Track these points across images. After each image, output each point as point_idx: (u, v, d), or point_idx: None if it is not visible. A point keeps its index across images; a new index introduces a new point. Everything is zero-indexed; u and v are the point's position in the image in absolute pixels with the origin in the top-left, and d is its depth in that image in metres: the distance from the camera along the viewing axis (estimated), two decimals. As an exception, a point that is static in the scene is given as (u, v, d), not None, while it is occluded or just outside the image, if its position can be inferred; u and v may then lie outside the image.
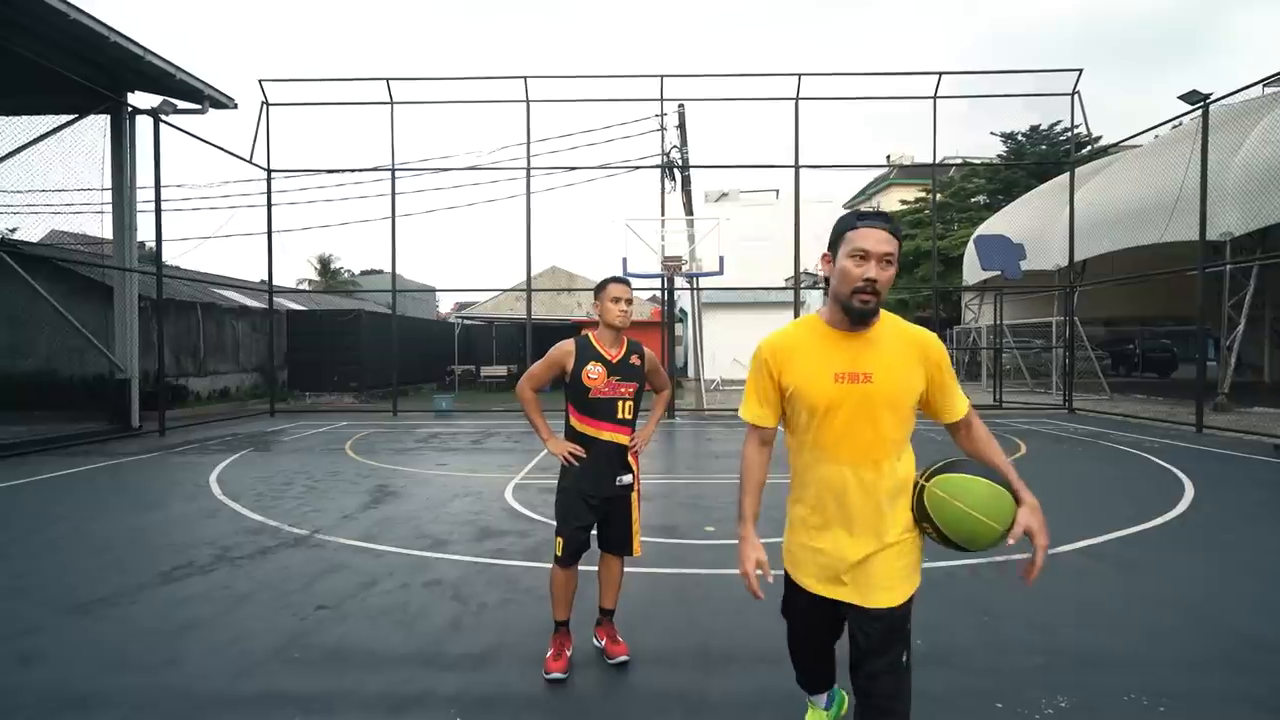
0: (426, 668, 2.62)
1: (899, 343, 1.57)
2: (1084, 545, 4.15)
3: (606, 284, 2.60)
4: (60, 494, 5.99)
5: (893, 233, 1.51)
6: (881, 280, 1.48)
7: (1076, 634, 2.90)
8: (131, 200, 10.49)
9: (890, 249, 1.49)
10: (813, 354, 1.58)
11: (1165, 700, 2.34)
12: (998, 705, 2.32)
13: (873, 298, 1.49)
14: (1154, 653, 2.72)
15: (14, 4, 7.80)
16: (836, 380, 1.54)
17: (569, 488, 2.65)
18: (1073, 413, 12.52)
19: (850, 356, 1.55)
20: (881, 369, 1.54)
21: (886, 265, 1.49)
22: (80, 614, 3.18)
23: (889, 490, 1.57)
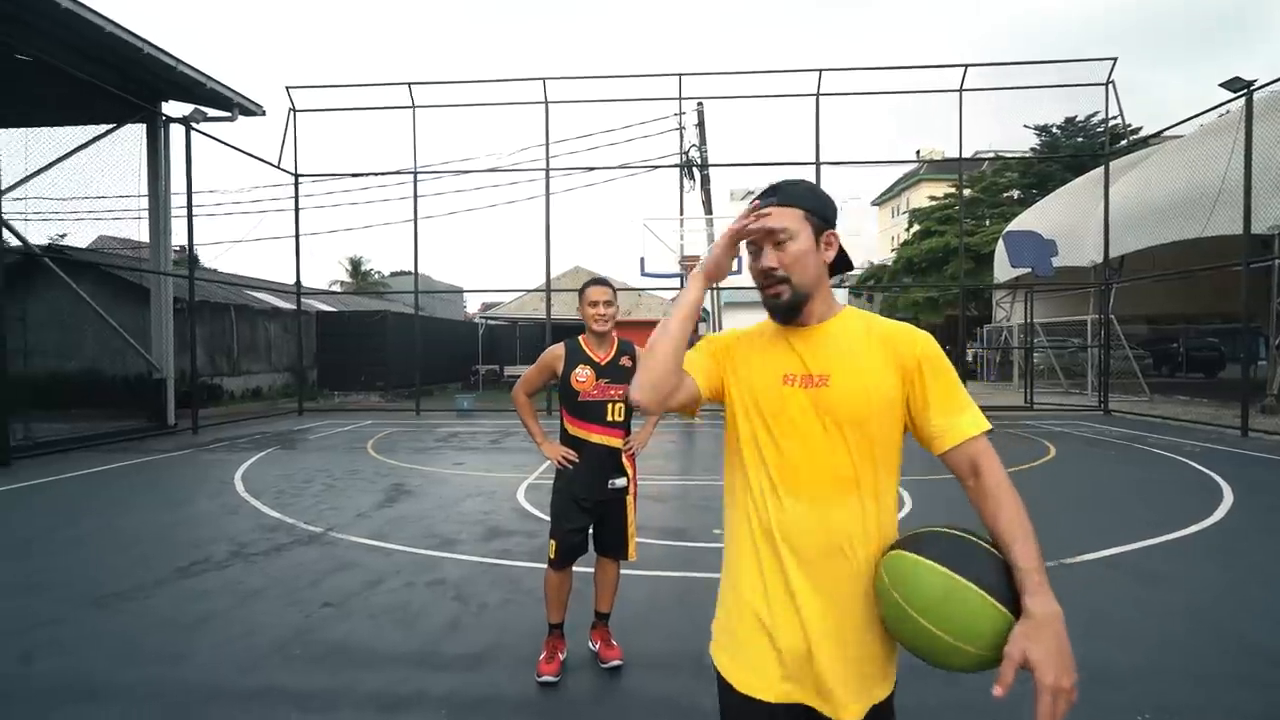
0: (421, 667, 2.65)
1: (866, 339, 1.18)
2: (1104, 555, 4.00)
3: (585, 287, 2.60)
4: (95, 490, 6.22)
5: (783, 202, 1.17)
6: (782, 262, 1.15)
7: (1084, 646, 2.79)
8: (166, 206, 10.85)
9: (779, 223, 1.15)
10: (764, 352, 1.23)
11: (1168, 716, 2.24)
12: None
13: (781, 288, 1.16)
14: (1162, 667, 2.61)
15: (54, 19, 8.12)
16: (785, 382, 1.17)
17: (562, 489, 2.65)
18: (1108, 414, 12.11)
19: (804, 354, 1.18)
20: (842, 370, 1.15)
21: (782, 244, 1.15)
22: (99, 607, 3.30)
23: (865, 535, 1.12)
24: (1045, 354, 18.59)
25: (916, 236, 31.17)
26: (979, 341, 23.58)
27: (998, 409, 13.02)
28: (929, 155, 33.02)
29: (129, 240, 18.55)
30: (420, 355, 14.19)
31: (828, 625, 1.11)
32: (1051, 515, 5.16)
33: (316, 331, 17.60)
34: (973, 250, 25.78)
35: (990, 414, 11.12)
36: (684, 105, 12.87)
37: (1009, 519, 1.05)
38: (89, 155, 10.32)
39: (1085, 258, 15.26)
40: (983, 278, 22.88)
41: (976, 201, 29.60)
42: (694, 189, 13.60)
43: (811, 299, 1.18)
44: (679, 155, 12.94)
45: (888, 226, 47.52)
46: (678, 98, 12.78)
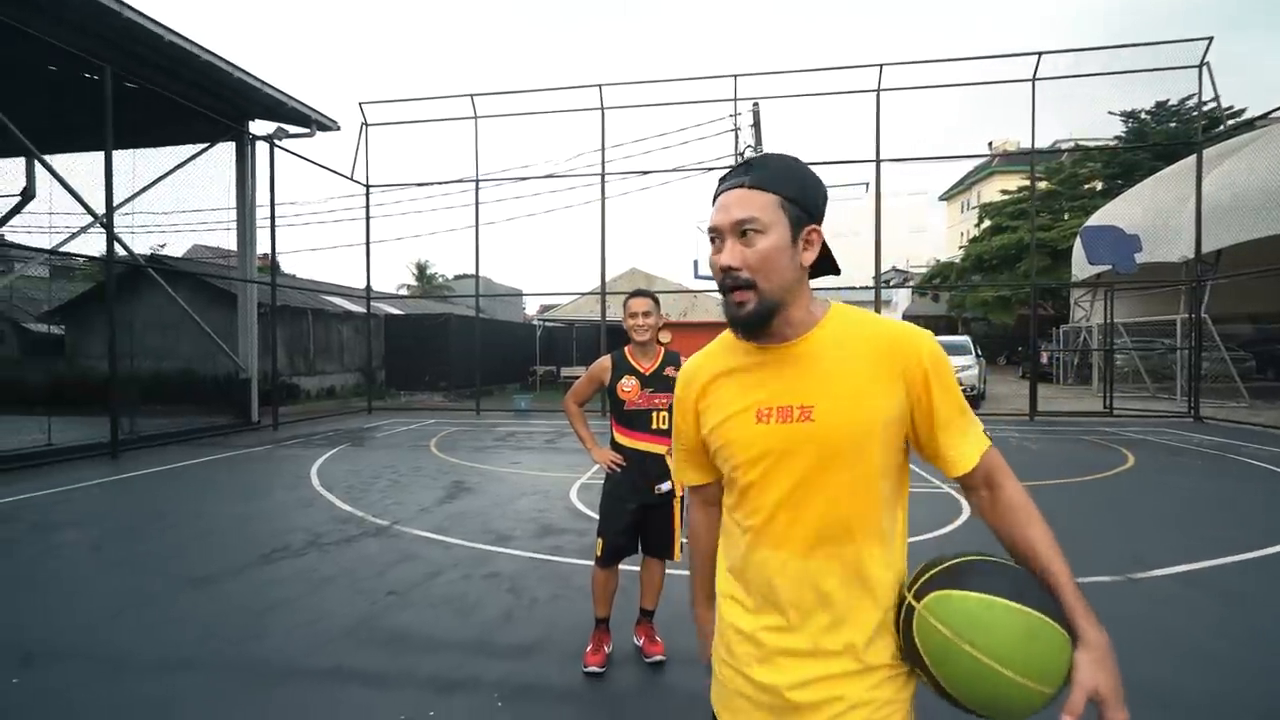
0: (476, 655, 2.81)
1: (853, 352, 0.97)
2: (1179, 570, 3.77)
3: (627, 299, 2.68)
4: (189, 481, 6.80)
5: (755, 184, 0.94)
6: (746, 262, 0.93)
7: (1151, 667, 2.66)
8: (252, 218, 11.69)
9: (745, 212, 0.93)
10: (732, 384, 1.03)
11: (1248, 747, 2.12)
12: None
13: (746, 294, 0.94)
14: (1242, 697, 2.46)
15: (158, 50, 8.91)
16: (761, 419, 0.98)
17: (610, 492, 2.75)
18: (1199, 421, 11.24)
19: (781, 384, 0.98)
20: (829, 397, 0.95)
21: (748, 237, 0.93)
22: (190, 588, 3.64)
23: (849, 587, 0.96)
24: (1129, 356, 17.41)
25: (987, 232, 29.77)
26: (1055, 342, 22.32)
27: (1073, 415, 12.32)
28: (1002, 146, 31.45)
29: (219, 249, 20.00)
30: (480, 357, 14.68)
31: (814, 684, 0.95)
32: (1122, 528, 4.89)
33: (385, 333, 18.49)
34: (1049, 246, 24.43)
35: (1065, 420, 10.50)
36: (739, 106, 12.81)
37: (1041, 533, 0.93)
38: (185, 171, 11.27)
39: (1176, 253, 14.20)
40: (1059, 275, 21.61)
41: (1054, 194, 28.01)
42: (749, 190, 13.50)
43: (785, 308, 0.96)
44: (734, 156, 12.88)
45: (956, 222, 45.54)
46: (733, 99, 12.74)
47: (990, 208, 30.45)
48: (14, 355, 17.53)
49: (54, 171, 9.46)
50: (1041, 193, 28.37)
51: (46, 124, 9.76)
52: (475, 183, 13.66)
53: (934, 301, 33.36)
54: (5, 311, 17.14)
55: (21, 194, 11.42)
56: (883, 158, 12.40)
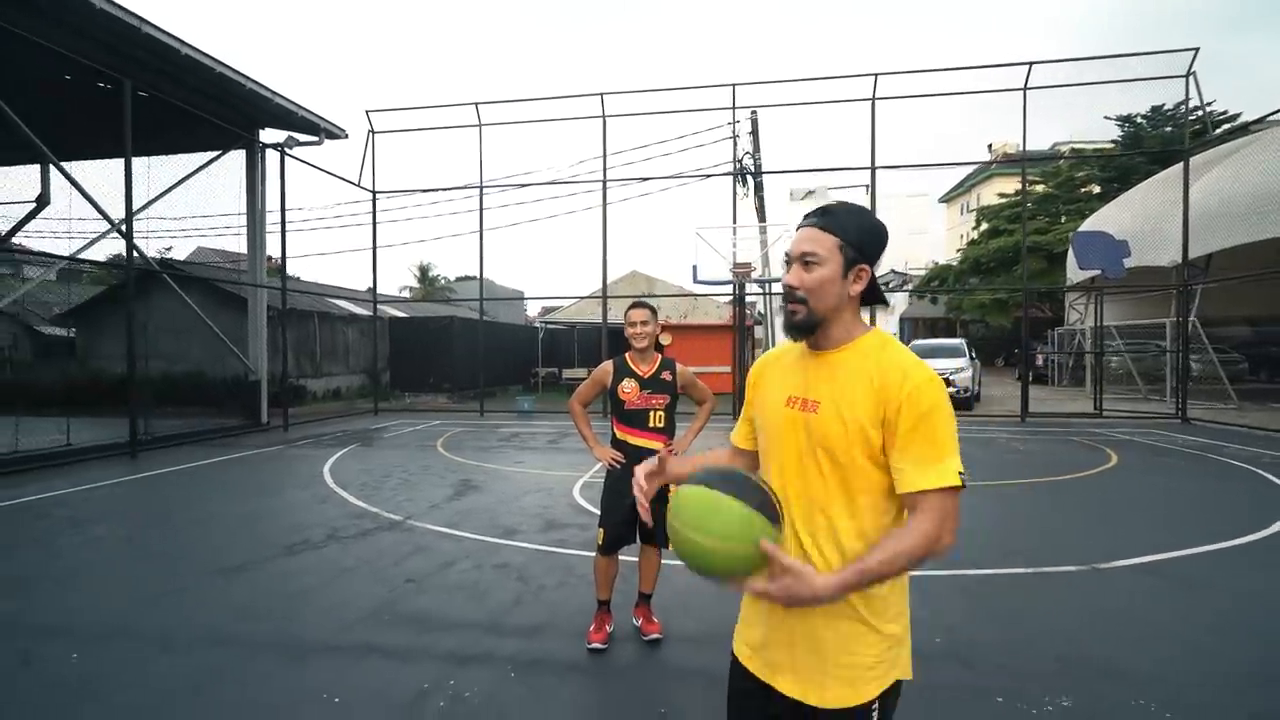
0: (489, 634, 3.08)
1: (861, 370, 1.20)
2: (1144, 561, 4.04)
3: (627, 310, 2.96)
4: (207, 479, 7.08)
5: (821, 226, 1.23)
6: (803, 284, 1.22)
7: (1102, 645, 2.94)
8: (262, 224, 11.99)
9: (810, 247, 1.22)
10: (780, 374, 1.34)
11: (1175, 711, 2.39)
12: (998, 700, 2.46)
13: (799, 307, 1.23)
14: (1181, 669, 2.73)
15: (175, 62, 9.21)
16: (787, 404, 1.27)
17: (611, 486, 3.03)
18: (1187, 423, 11.51)
19: (806, 379, 1.26)
20: (832, 397, 1.21)
21: (809, 266, 1.22)
22: (220, 576, 3.92)
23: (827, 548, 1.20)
24: (1123, 359, 17.67)
25: (984, 235, 30.03)
26: (1050, 345, 22.58)
27: (1063, 416, 12.59)
28: (1001, 149, 31.72)
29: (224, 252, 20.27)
30: (483, 359, 14.97)
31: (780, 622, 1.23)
32: (1095, 523, 5.17)
33: (390, 336, 18.78)
34: (1045, 249, 24.70)
35: (1055, 421, 10.75)
36: (738, 114, 13.09)
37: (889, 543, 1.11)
38: (196, 178, 11.56)
39: (1166, 257, 14.45)
40: (1055, 278, 21.88)
41: (1051, 198, 28.27)
42: (747, 195, 13.78)
43: (827, 324, 1.24)
44: (732, 163, 13.17)
45: (956, 224, 45.81)
46: (731, 107, 13.02)
47: (988, 210, 30.71)
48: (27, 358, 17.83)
49: (73, 180, 9.77)
50: (1038, 196, 28.63)
51: (62, 132, 10.07)
52: (480, 189, 13.95)
53: (932, 304, 33.61)
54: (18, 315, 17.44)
55: (37, 200, 11.71)
56: (878, 165, 12.69)
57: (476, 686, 2.58)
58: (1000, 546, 4.40)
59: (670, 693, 2.57)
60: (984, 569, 3.93)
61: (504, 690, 2.56)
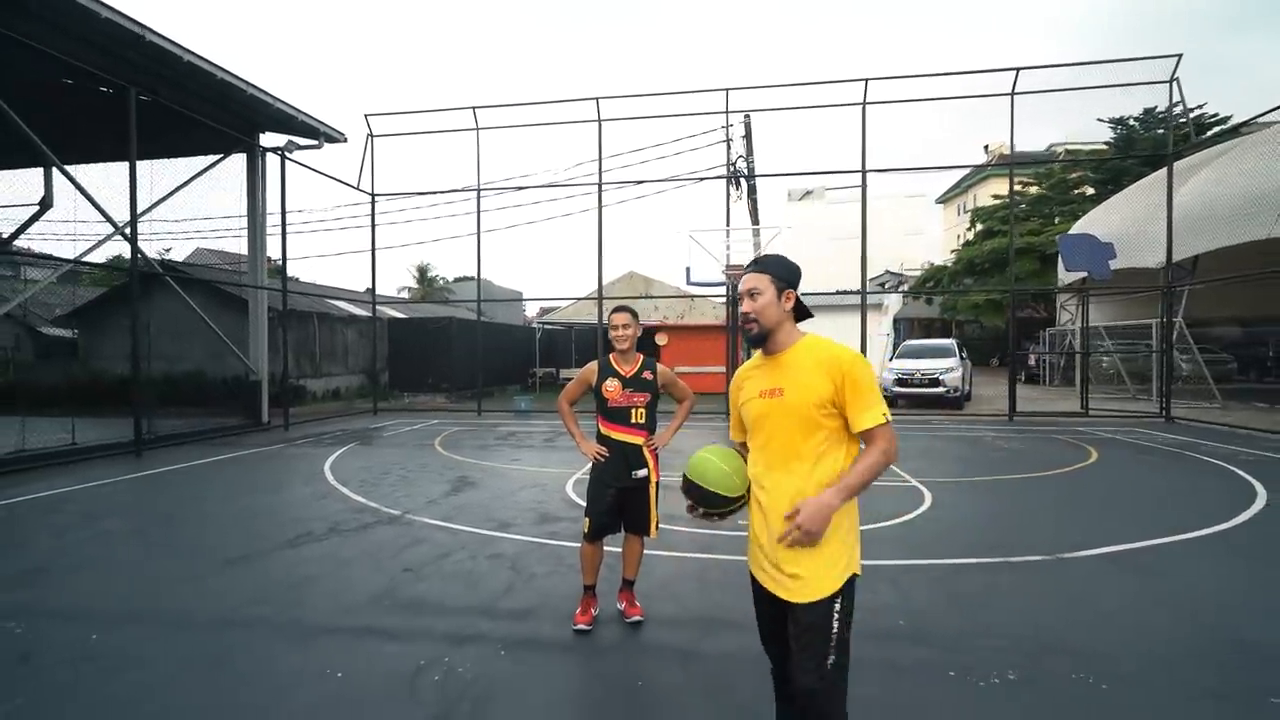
0: (483, 617, 3.29)
1: (809, 361, 1.78)
2: (1106, 551, 4.26)
3: (610, 314, 3.17)
4: (210, 477, 7.28)
5: (758, 270, 1.85)
6: (753, 309, 1.81)
7: (1055, 626, 3.15)
8: (262, 226, 12.18)
9: (753, 284, 1.82)
10: (752, 379, 1.90)
11: (1110, 681, 2.60)
12: (950, 674, 2.67)
13: (752, 325, 1.83)
14: (1125, 646, 2.94)
15: (177, 69, 9.41)
16: (761, 396, 1.84)
17: (596, 478, 3.24)
18: (1171, 421, 11.74)
19: (770, 376, 1.84)
20: (790, 384, 1.78)
21: (753, 298, 1.82)
22: (231, 566, 4.12)
23: (801, 490, 1.74)
24: (1113, 359, 17.91)
25: (979, 236, 30.27)
26: (1041, 345, 22.82)
27: (1051, 415, 12.82)
28: (998, 150, 31.94)
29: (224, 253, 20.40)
30: (481, 359, 15.17)
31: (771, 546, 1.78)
32: (1066, 516, 5.40)
33: (388, 336, 18.97)
34: (1038, 250, 24.95)
35: (1042, 420, 10.97)
36: (731, 118, 13.30)
37: (861, 457, 1.74)
38: (198, 181, 11.76)
39: (1154, 259, 14.67)
40: (1048, 279, 22.13)
41: (1044, 199, 28.52)
42: (741, 198, 14.00)
43: (774, 333, 1.84)
44: (726, 166, 13.38)
45: (953, 225, 46.05)
46: (724, 111, 13.23)
47: (982, 212, 30.95)
48: (29, 359, 18.00)
49: (77, 183, 9.95)
50: (1032, 198, 28.89)
51: (65, 136, 10.25)
52: (477, 191, 14.16)
53: (928, 304, 33.84)
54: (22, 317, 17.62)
55: (40, 203, 11.90)
56: (869, 168, 12.91)
57: (469, 663, 2.79)
58: (973, 539, 4.61)
59: (647, 668, 2.77)
60: (954, 559, 4.15)
61: (494, 667, 2.77)
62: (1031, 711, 2.42)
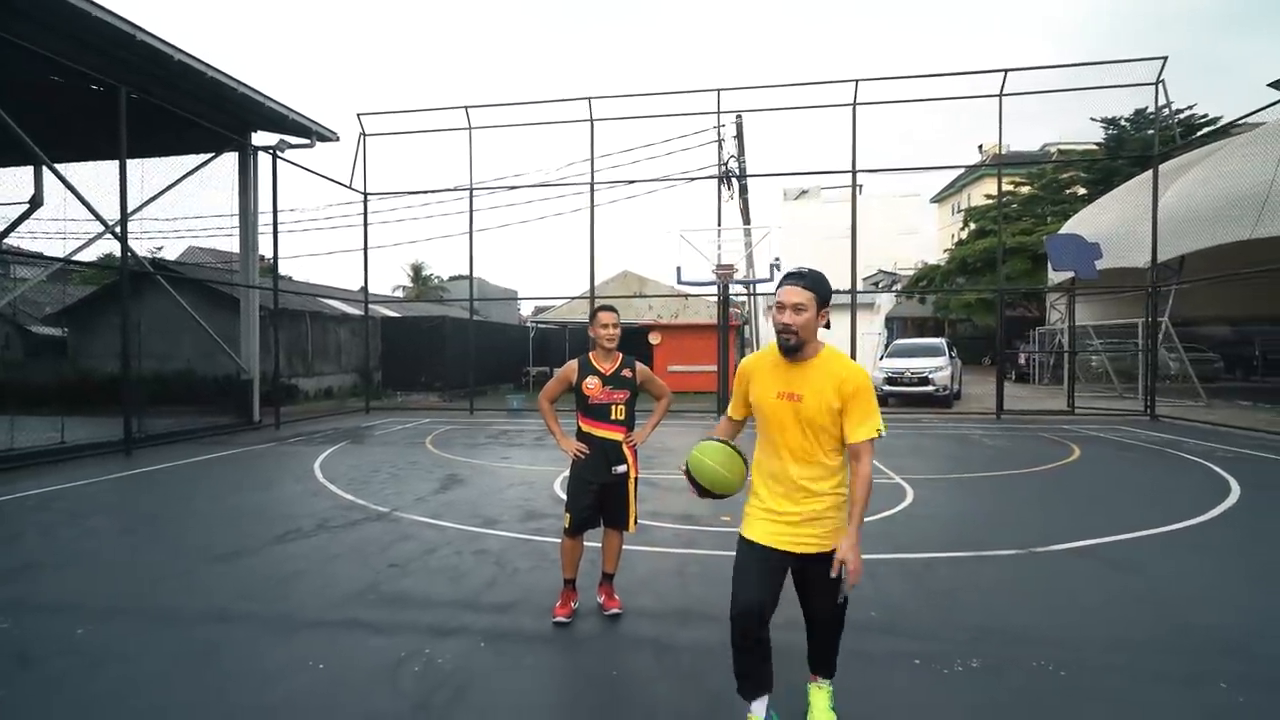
0: (465, 610, 3.36)
1: (825, 373, 2.03)
2: (1077, 545, 4.35)
3: (597, 312, 3.23)
4: (201, 475, 7.32)
5: (805, 286, 2.02)
6: (794, 323, 2.00)
7: (1022, 617, 3.24)
8: (254, 225, 12.19)
9: (799, 299, 2.00)
10: (766, 375, 2.13)
11: (1069, 668, 2.69)
12: (915, 662, 2.76)
13: (791, 335, 2.02)
14: (1089, 635, 3.03)
15: (168, 67, 9.42)
16: (778, 397, 2.08)
17: (576, 475, 3.31)
18: (1155, 419, 11.89)
19: (789, 380, 2.07)
20: (810, 392, 2.03)
21: (797, 312, 2.00)
22: (219, 562, 4.18)
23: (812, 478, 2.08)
24: (1101, 358, 18.08)
25: (972, 236, 30.43)
26: (1031, 344, 23.00)
27: (1037, 413, 12.95)
28: (991, 150, 32.10)
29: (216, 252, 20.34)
30: (474, 358, 15.21)
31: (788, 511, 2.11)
32: (1043, 511, 5.51)
33: (382, 335, 18.98)
34: (1030, 250, 25.11)
35: (1028, 418, 11.11)
36: (722, 118, 13.38)
37: (853, 501, 2.06)
38: (189, 180, 11.75)
39: (1142, 258, 14.83)
40: (1040, 278, 22.28)
41: (1036, 199, 28.71)
42: (732, 198, 14.07)
43: (805, 345, 2.05)
44: (717, 166, 13.46)
45: (947, 224, 46.26)
46: (716, 111, 13.30)
47: (974, 211, 31.12)
48: (19, 357, 17.93)
49: (67, 182, 9.94)
50: (1024, 197, 29.09)
51: (56, 134, 10.24)
52: (469, 190, 14.20)
53: (920, 303, 34.00)
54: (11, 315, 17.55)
55: (30, 201, 11.87)
56: (859, 168, 13.00)
57: (449, 655, 2.85)
58: (949, 533, 4.71)
59: (623, 659, 2.85)
60: (929, 553, 4.23)
61: (475, 658, 2.84)
62: (990, 696, 2.50)
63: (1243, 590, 3.62)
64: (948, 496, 6.02)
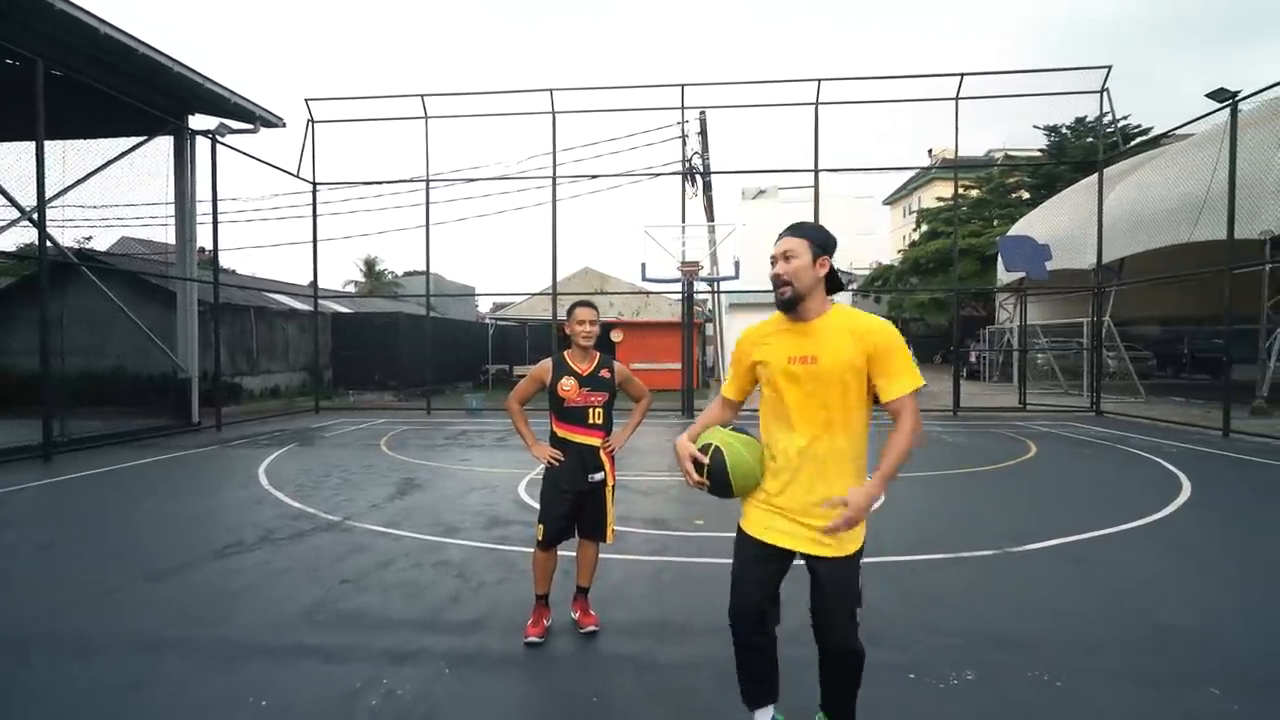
0: (426, 631, 3.10)
1: (842, 330, 1.81)
2: (1049, 544, 4.37)
3: (573, 309, 3.01)
4: (132, 482, 6.76)
5: (794, 234, 1.85)
6: (786, 271, 1.81)
7: (1005, 621, 3.18)
8: (192, 214, 11.44)
9: (789, 246, 1.83)
10: (776, 342, 1.90)
11: (1064, 676, 2.63)
12: (910, 676, 2.65)
13: (786, 287, 1.82)
14: (1069, 638, 2.99)
15: (94, 42, 8.69)
16: (791, 362, 1.85)
17: (549, 483, 3.08)
18: (1100, 415, 12.35)
19: (800, 343, 1.84)
20: (825, 352, 1.80)
21: (789, 259, 1.82)
22: (152, 580, 3.79)
23: (829, 455, 1.83)
24: (1048, 356, 18.78)
25: (924, 237, 31.27)
26: (981, 343, 23.75)
27: (991, 410, 13.31)
28: (941, 153, 33.03)
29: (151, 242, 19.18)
30: (431, 356, 14.70)
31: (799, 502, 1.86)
32: (1012, 509, 5.56)
33: (333, 332, 18.20)
34: (979, 251, 25.95)
35: (984, 415, 11.34)
36: (687, 114, 13.25)
37: (891, 446, 1.79)
38: (120, 165, 10.93)
39: (1087, 260, 15.44)
40: (989, 279, 23.03)
41: (984, 203, 29.68)
42: (696, 195, 13.98)
43: (806, 300, 1.83)
44: (681, 163, 13.33)
45: (899, 226, 47.50)
46: (680, 107, 13.18)
47: (927, 213, 31.99)
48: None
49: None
50: (973, 201, 30.05)
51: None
52: (426, 183, 13.69)
53: (876, 303, 34.80)
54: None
55: (-65, 185, 10.83)
56: (821, 168, 13.08)
57: (409, 684, 2.60)
58: (922, 534, 4.67)
59: (603, 681, 2.65)
60: (906, 555, 4.17)
61: (437, 686, 2.59)
62: (992, 711, 2.40)
63: (1209, 587, 3.67)
64: (916, 495, 6.02)
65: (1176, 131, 13.86)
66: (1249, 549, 4.39)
